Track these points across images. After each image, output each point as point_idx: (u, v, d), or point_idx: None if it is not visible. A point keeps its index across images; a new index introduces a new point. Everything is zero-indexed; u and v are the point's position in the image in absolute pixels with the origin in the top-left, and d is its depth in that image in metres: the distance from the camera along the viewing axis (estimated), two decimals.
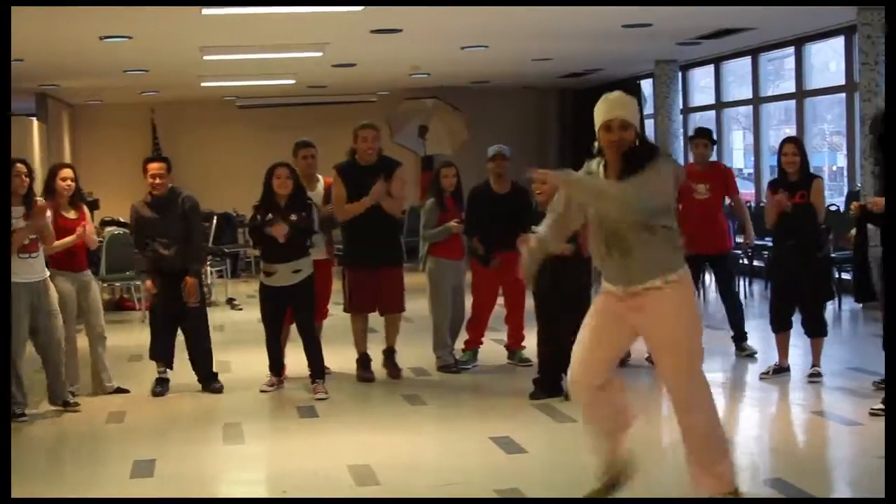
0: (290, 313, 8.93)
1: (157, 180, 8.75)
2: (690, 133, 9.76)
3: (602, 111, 5.32)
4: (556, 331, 8.11)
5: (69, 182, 8.62)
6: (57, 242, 8.34)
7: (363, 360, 9.22)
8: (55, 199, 8.54)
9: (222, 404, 8.60)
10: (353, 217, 8.94)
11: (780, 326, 8.73)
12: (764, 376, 8.71)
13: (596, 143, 5.38)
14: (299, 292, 8.71)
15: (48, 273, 8.26)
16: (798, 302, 8.66)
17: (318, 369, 8.81)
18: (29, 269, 8.03)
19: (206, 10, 10.40)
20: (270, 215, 8.58)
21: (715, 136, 10.15)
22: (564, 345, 8.08)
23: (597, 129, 5.34)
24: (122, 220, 15.47)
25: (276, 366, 8.92)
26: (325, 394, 8.67)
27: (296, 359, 9.37)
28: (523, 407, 8.00)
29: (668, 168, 5.26)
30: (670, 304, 5.26)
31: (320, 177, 9.30)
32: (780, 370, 8.72)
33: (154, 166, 8.81)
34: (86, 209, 8.86)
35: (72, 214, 8.62)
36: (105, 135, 21.15)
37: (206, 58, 13.92)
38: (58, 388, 8.32)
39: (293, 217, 8.60)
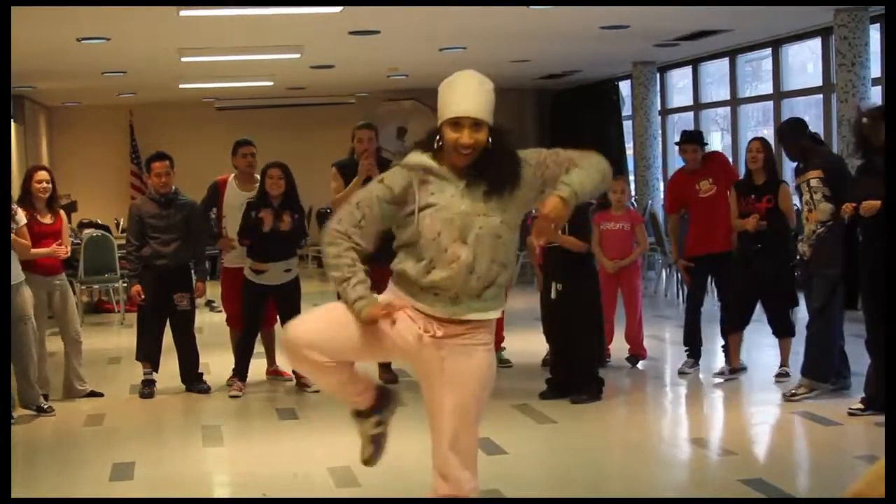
0: (270, 314, 8.95)
1: (163, 178, 8.81)
2: (676, 139, 9.45)
3: (451, 102, 4.17)
4: (570, 333, 8.20)
5: (44, 184, 8.57)
6: (34, 251, 8.26)
7: (383, 363, 8.84)
8: (31, 202, 8.49)
9: (201, 406, 8.58)
10: None
11: (737, 326, 8.68)
12: (717, 376, 8.77)
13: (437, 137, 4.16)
14: (288, 290, 8.79)
15: (21, 278, 8.12)
16: (763, 304, 8.65)
17: None
18: None
19: (184, 12, 10.37)
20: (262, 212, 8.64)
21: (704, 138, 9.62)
22: (579, 346, 8.18)
23: (440, 120, 4.18)
24: (99, 222, 15.42)
25: (244, 368, 8.89)
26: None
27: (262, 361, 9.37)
28: (503, 408, 7.99)
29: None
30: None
31: (258, 176, 9.18)
32: (735, 371, 8.76)
33: (158, 165, 8.87)
34: (62, 214, 8.81)
35: (48, 219, 8.56)
36: (83, 137, 21.05)
37: (183, 59, 13.87)
38: (29, 393, 8.26)
39: (286, 216, 8.64)
